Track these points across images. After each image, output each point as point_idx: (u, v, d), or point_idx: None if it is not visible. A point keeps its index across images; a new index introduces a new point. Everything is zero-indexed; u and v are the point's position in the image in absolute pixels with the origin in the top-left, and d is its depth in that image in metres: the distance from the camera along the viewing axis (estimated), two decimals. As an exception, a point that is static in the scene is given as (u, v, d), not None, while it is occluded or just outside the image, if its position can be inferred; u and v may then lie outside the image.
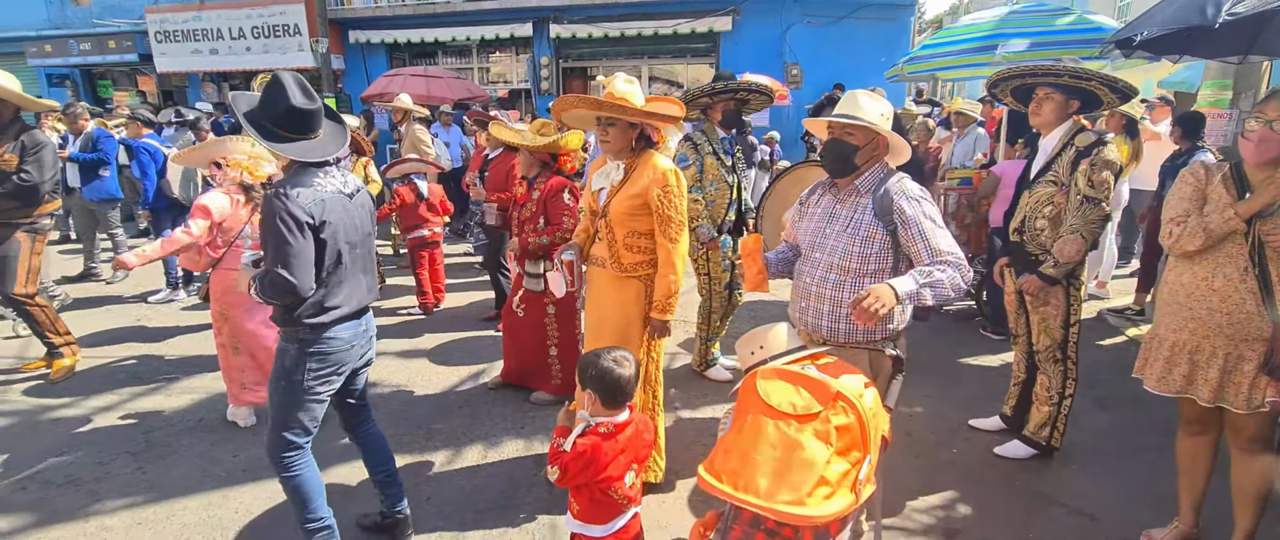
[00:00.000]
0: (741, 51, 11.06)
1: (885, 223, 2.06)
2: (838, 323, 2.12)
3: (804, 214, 2.31)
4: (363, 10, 12.68)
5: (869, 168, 2.13)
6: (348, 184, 2.17)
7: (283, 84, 1.99)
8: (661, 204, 2.44)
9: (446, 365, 4.21)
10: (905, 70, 7.08)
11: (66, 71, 15.39)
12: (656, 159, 2.49)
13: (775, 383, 1.76)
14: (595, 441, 1.83)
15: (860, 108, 2.09)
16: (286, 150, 2.03)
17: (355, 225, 2.16)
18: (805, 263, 2.22)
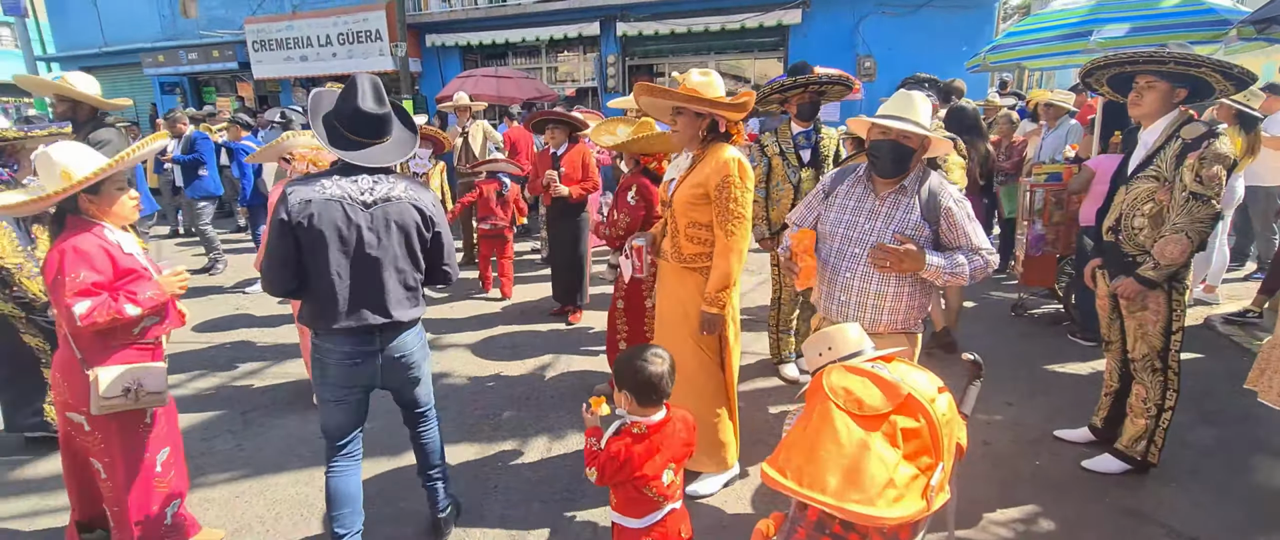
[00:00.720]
0: (811, 45, 10.80)
1: (932, 222, 2.16)
2: (880, 315, 2.21)
3: (830, 203, 2.32)
4: (439, 14, 13.16)
5: (914, 168, 2.19)
6: (373, 191, 2.01)
7: (355, 87, 1.99)
8: (720, 194, 2.42)
9: (516, 358, 4.33)
10: (988, 60, 6.71)
11: (176, 79, 16.78)
12: (724, 149, 2.46)
13: (844, 382, 1.72)
14: (628, 443, 1.85)
15: (917, 111, 2.13)
16: (343, 155, 2.00)
17: (356, 235, 1.98)
18: (841, 258, 2.25)
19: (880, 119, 2.16)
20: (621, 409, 1.90)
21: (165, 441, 2.27)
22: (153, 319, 2.18)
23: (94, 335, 2.04)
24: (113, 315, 1.98)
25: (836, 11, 10.72)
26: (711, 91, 2.42)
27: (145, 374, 2.10)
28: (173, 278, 2.18)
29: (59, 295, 1.95)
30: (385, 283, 2.05)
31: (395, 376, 2.20)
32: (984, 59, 6.73)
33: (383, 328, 2.08)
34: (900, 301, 2.22)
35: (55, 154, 2.01)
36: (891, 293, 2.21)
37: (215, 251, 6.75)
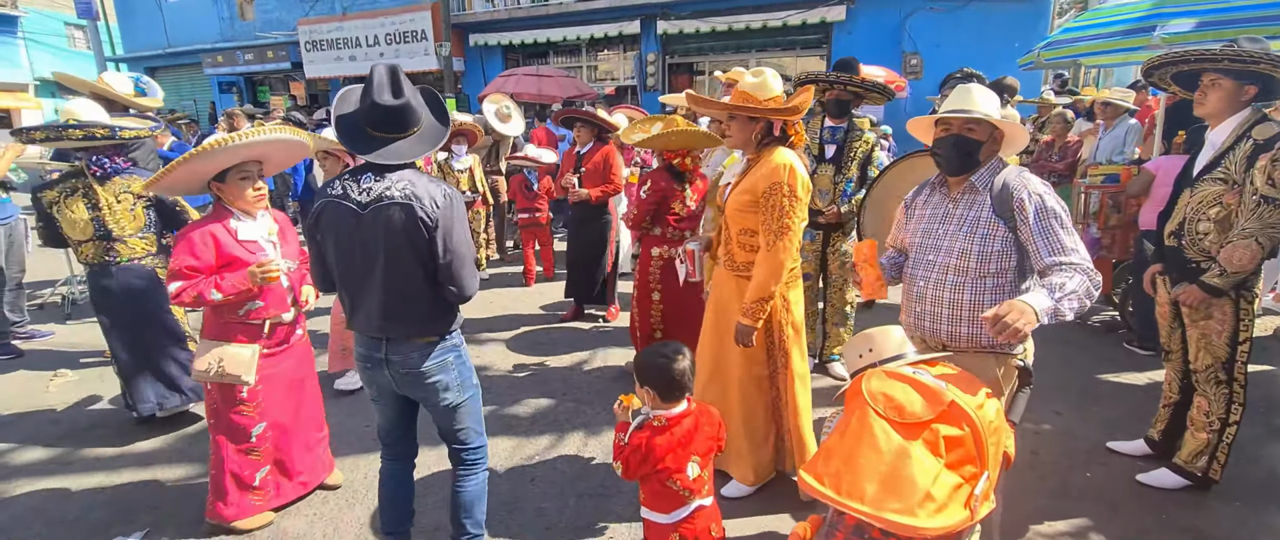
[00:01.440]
0: (855, 42, 10.61)
1: (1006, 219, 1.97)
2: (958, 327, 2.04)
3: (910, 216, 2.22)
4: (482, 14, 13.38)
5: (986, 163, 2.05)
6: (369, 192, 1.85)
7: (371, 80, 1.86)
8: (766, 201, 2.33)
9: (553, 353, 4.38)
10: (1042, 57, 6.46)
11: (233, 79, 17.49)
12: (778, 153, 2.37)
13: (884, 387, 1.68)
14: (648, 436, 1.88)
15: (977, 102, 2.01)
16: (364, 155, 1.87)
17: (352, 240, 1.86)
18: (917, 266, 2.14)
19: (941, 114, 2.06)
20: (644, 405, 1.92)
21: (265, 417, 2.52)
22: (255, 303, 2.42)
23: (211, 312, 2.40)
24: (196, 297, 2.26)
25: (882, 7, 10.51)
26: (764, 93, 2.35)
27: (228, 356, 2.36)
28: (256, 269, 2.31)
29: (169, 269, 2.31)
30: (378, 291, 1.88)
31: (414, 391, 2.04)
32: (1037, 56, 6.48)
33: (388, 337, 1.96)
34: (978, 312, 2.00)
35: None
36: (968, 301, 2.02)
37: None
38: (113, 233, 3.04)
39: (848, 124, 3.60)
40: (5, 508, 2.73)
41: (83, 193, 3.01)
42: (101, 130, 2.96)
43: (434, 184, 1.92)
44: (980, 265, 2.00)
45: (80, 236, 3.01)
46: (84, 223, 2.99)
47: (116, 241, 3.06)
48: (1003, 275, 1.99)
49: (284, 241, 2.54)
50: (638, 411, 1.93)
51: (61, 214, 3.00)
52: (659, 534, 1.98)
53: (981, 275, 2.00)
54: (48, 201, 3.01)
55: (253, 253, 2.38)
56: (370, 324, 1.94)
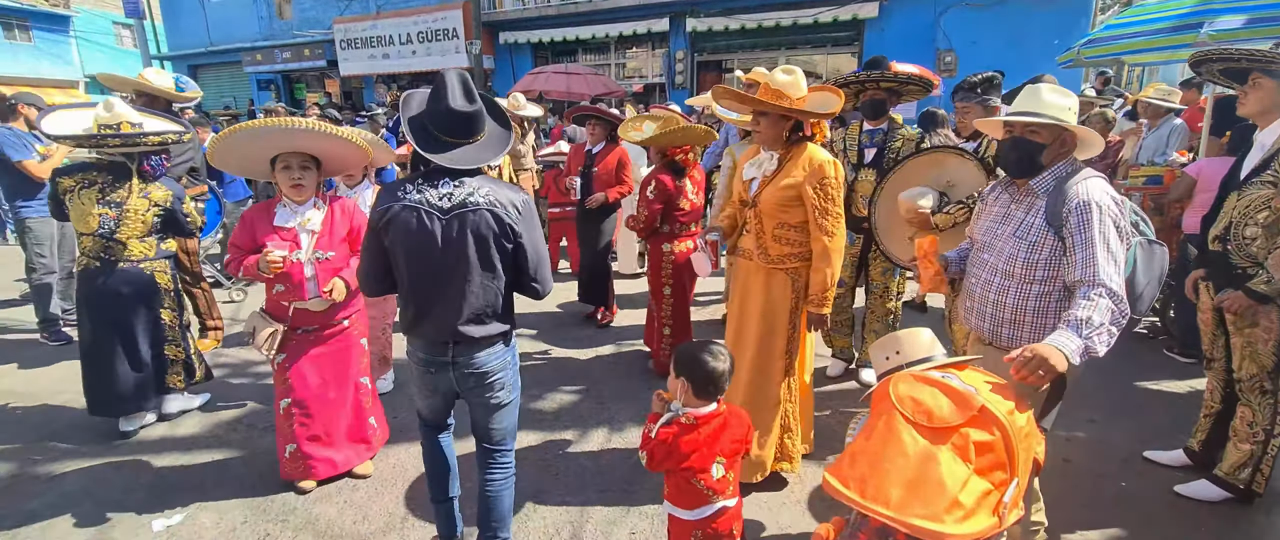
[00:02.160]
0: (888, 39, 10.45)
1: (1056, 226, 1.89)
2: (1000, 327, 2.02)
3: (981, 212, 2.19)
4: (512, 11, 13.50)
5: (1052, 166, 1.96)
6: (451, 198, 1.87)
7: (444, 85, 1.87)
8: (819, 197, 2.40)
9: (578, 347, 4.42)
10: (1083, 54, 6.29)
11: (271, 76, 17.94)
12: (813, 151, 2.44)
13: (912, 391, 1.66)
14: (675, 431, 1.89)
15: (1044, 103, 1.93)
16: (434, 158, 1.87)
17: (432, 242, 1.86)
18: (974, 262, 2.13)
19: (1005, 116, 1.99)
20: (676, 401, 1.92)
21: (288, 394, 2.71)
22: (278, 286, 2.61)
23: (266, 284, 2.63)
24: (233, 271, 2.59)
25: (916, 4, 10.33)
26: (797, 91, 2.37)
27: (258, 324, 2.62)
28: (261, 259, 2.50)
29: None
30: (458, 295, 1.90)
31: (475, 392, 2.06)
32: (1078, 53, 6.32)
33: (456, 341, 1.96)
34: (1024, 317, 1.96)
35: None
36: (1011, 305, 1.97)
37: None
38: (117, 234, 2.99)
39: (887, 125, 3.52)
40: (55, 487, 2.86)
41: (100, 188, 2.98)
42: (155, 138, 2.99)
43: (511, 190, 1.97)
44: (1026, 271, 1.94)
45: (84, 229, 2.98)
46: (92, 218, 2.94)
47: (117, 242, 3.00)
48: (1049, 284, 1.93)
49: (329, 234, 2.65)
50: (668, 405, 1.95)
51: (72, 203, 2.96)
52: (681, 530, 1.98)
53: (1027, 281, 1.95)
54: (62, 188, 2.97)
55: (284, 239, 2.56)
56: (443, 329, 1.93)
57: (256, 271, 2.52)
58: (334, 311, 2.71)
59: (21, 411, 3.60)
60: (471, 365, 1.99)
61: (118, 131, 2.93)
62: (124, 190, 3.01)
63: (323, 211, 2.67)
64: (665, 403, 1.95)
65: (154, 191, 3.09)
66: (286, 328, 2.63)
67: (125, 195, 3.01)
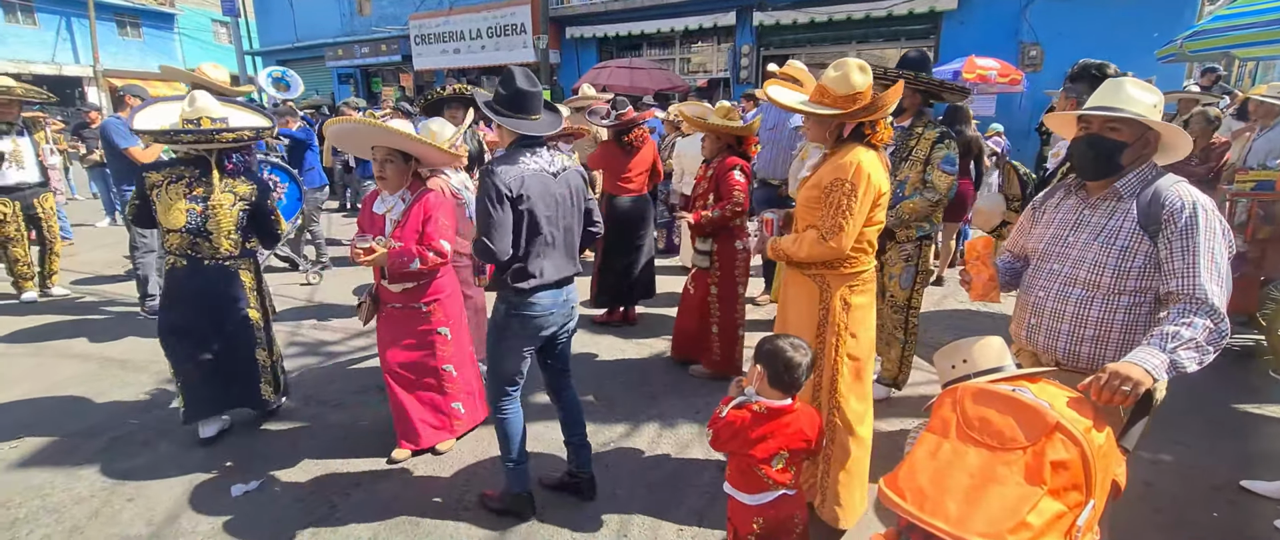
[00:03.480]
0: (967, 32, 9.96)
1: (1151, 231, 1.72)
2: (1078, 346, 1.83)
3: (1037, 219, 2.01)
4: (579, 6, 13.63)
5: (1135, 168, 1.79)
6: (553, 163, 2.33)
7: (512, 74, 2.33)
8: (827, 195, 2.20)
9: (630, 339, 4.43)
10: (1186, 48, 5.82)
11: (351, 71, 18.80)
12: (851, 152, 2.21)
13: (980, 410, 1.57)
14: (745, 417, 1.90)
15: (1128, 98, 1.76)
16: (512, 125, 2.30)
17: (555, 200, 2.30)
18: (1037, 274, 1.94)
19: (1084, 110, 1.81)
20: (751, 386, 1.95)
21: (385, 365, 2.97)
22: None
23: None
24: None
25: (999, -6, 9.78)
26: (844, 88, 2.16)
27: (362, 294, 2.96)
28: (355, 252, 2.68)
29: None
30: (573, 239, 2.43)
31: (568, 322, 2.52)
32: (1180, 47, 5.85)
33: (569, 279, 2.44)
34: (1110, 333, 1.78)
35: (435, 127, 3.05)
36: (1094, 318, 1.79)
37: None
38: (207, 229, 2.94)
39: (910, 123, 3.28)
40: (149, 451, 3.10)
41: (187, 183, 2.93)
42: (240, 133, 2.97)
43: (572, 155, 2.60)
44: (1115, 281, 1.76)
45: (172, 225, 2.91)
46: (179, 213, 2.90)
47: (204, 238, 2.95)
48: (1141, 296, 1.75)
49: (403, 223, 2.79)
50: (744, 391, 1.97)
51: (160, 199, 2.91)
52: (742, 515, 2.00)
53: (1115, 292, 1.77)
54: (150, 184, 2.92)
55: (376, 225, 2.84)
56: (560, 269, 2.37)
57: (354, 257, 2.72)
58: (414, 294, 2.88)
59: (125, 379, 3.91)
60: (571, 300, 2.48)
61: (198, 126, 2.90)
62: (208, 185, 2.96)
63: (407, 204, 2.83)
64: (741, 388, 1.98)
65: (238, 186, 3.03)
66: (374, 300, 2.96)
67: (209, 190, 2.96)
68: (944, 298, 5.39)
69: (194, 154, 3.01)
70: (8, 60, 21.11)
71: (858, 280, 2.34)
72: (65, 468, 2.95)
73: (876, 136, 2.26)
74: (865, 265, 2.34)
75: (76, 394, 3.70)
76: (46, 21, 23.00)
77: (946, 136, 3.19)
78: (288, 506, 2.66)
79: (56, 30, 23.20)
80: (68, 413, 3.48)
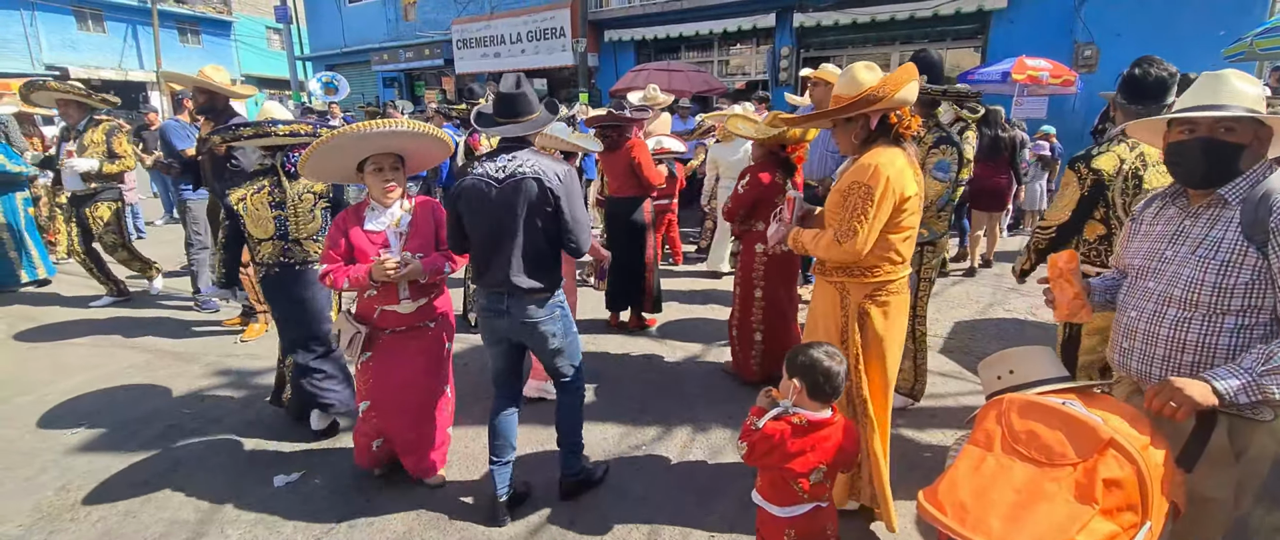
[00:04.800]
0: (1017, 31, 9.63)
1: (1258, 241, 1.51)
2: (1176, 372, 1.63)
3: (1135, 231, 1.82)
4: (618, 9, 13.70)
5: (1248, 171, 1.58)
6: (505, 169, 2.26)
7: (501, 79, 2.41)
8: (843, 198, 2.10)
9: (665, 341, 4.42)
10: (1255, 46, 5.51)
11: (395, 74, 19.28)
12: (875, 152, 2.10)
13: (1028, 423, 1.51)
14: (784, 430, 1.82)
15: (1235, 92, 1.53)
16: (485, 131, 2.41)
17: (488, 207, 2.27)
18: (1131, 293, 1.76)
19: (1183, 113, 1.58)
20: (786, 399, 1.87)
21: (366, 397, 2.69)
22: (369, 290, 2.55)
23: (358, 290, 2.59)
24: (332, 281, 2.52)
25: (1052, -8, 9.42)
26: (854, 88, 2.08)
27: (344, 327, 2.61)
28: (376, 268, 2.42)
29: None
30: (511, 250, 2.29)
31: (528, 338, 2.46)
32: (1250, 45, 5.54)
33: (510, 291, 2.34)
34: (1213, 358, 1.57)
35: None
36: (1192, 342, 1.59)
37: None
38: (291, 233, 2.98)
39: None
40: (198, 441, 3.23)
41: (269, 190, 2.98)
42: (293, 129, 2.98)
43: (555, 162, 2.33)
44: (1217, 299, 1.55)
45: (262, 234, 2.95)
46: (268, 221, 2.95)
47: (294, 243, 2.99)
48: (1251, 316, 1.54)
49: (414, 233, 2.58)
50: (777, 403, 1.92)
51: (248, 211, 2.94)
52: (773, 527, 1.95)
53: (1218, 312, 1.56)
54: (235, 199, 2.95)
55: (374, 243, 2.52)
56: (497, 280, 2.32)
57: (367, 282, 2.47)
58: (420, 314, 2.63)
59: (178, 370, 4.08)
60: (525, 314, 2.36)
61: (274, 124, 2.92)
62: (282, 189, 2.99)
63: (409, 211, 2.60)
64: (773, 399, 1.92)
65: (315, 185, 3.05)
66: (370, 330, 2.59)
67: (283, 193, 2.99)
68: (990, 306, 5.22)
69: (265, 165, 3.04)
70: (79, 65, 22.36)
71: (882, 291, 2.20)
72: (122, 453, 3.09)
73: (903, 126, 2.12)
74: (890, 275, 2.19)
75: (133, 383, 3.87)
76: (114, 29, 24.31)
77: (943, 142, 3.05)
78: (326, 498, 2.73)
79: (123, 37, 24.51)
80: (125, 402, 3.64)
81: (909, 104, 2.09)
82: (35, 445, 3.20)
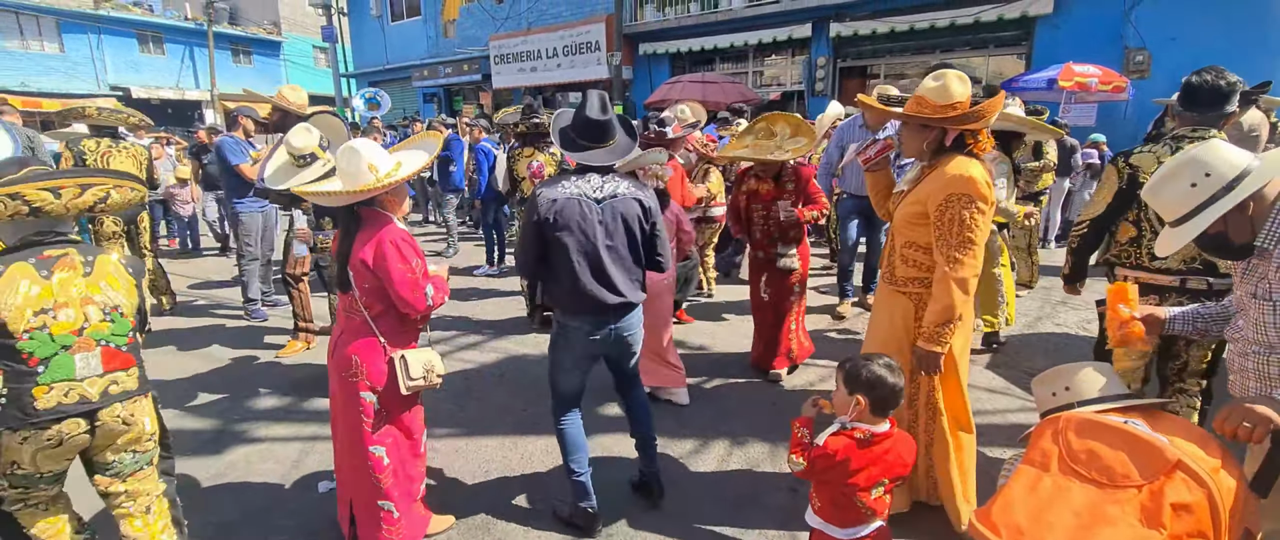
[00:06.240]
0: (1063, 38, 9.36)
1: None
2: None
3: (1235, 269, 1.74)
4: (653, 23, 13.79)
5: (1267, 216, 1.53)
6: (602, 188, 2.29)
7: (585, 101, 2.32)
8: (941, 214, 2.09)
9: (703, 352, 4.38)
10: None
11: (435, 90, 19.76)
12: (955, 162, 2.12)
13: (1087, 442, 1.44)
14: (848, 445, 1.77)
15: (1210, 182, 1.49)
16: (573, 156, 2.33)
17: (591, 226, 2.24)
18: (1232, 327, 1.72)
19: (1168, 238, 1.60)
20: (843, 414, 1.82)
21: (422, 424, 2.45)
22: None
23: (395, 320, 2.23)
24: (442, 300, 2.27)
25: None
26: (943, 98, 2.10)
27: (433, 358, 2.31)
28: (444, 275, 2.35)
29: (403, 277, 2.13)
30: (615, 266, 2.32)
31: (619, 348, 2.47)
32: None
33: (615, 307, 2.34)
34: None
35: (363, 151, 2.17)
36: (1276, 376, 1.56)
37: (453, 237, 7.89)
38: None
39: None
40: (248, 445, 3.32)
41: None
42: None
43: (642, 186, 2.43)
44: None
45: None
46: None
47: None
48: None
49: None
50: (823, 413, 1.88)
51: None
52: None
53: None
54: (321, 246, 3.07)
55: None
56: (598, 298, 2.30)
57: (444, 297, 2.34)
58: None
59: (229, 375, 4.22)
60: (625, 326, 2.41)
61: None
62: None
63: None
64: (819, 409, 1.88)
65: None
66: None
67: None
68: (1038, 320, 5.04)
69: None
70: (140, 86, 23.57)
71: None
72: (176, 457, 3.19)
73: (979, 146, 2.16)
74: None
75: (187, 389, 4.02)
76: (173, 51, 25.60)
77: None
78: (368, 505, 2.77)
79: (181, 59, 25.78)
80: (177, 407, 3.78)
81: (987, 126, 2.15)
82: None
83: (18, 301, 1.72)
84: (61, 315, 1.79)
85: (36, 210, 1.77)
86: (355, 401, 2.22)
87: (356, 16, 21.14)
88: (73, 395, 1.81)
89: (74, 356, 1.81)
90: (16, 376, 1.74)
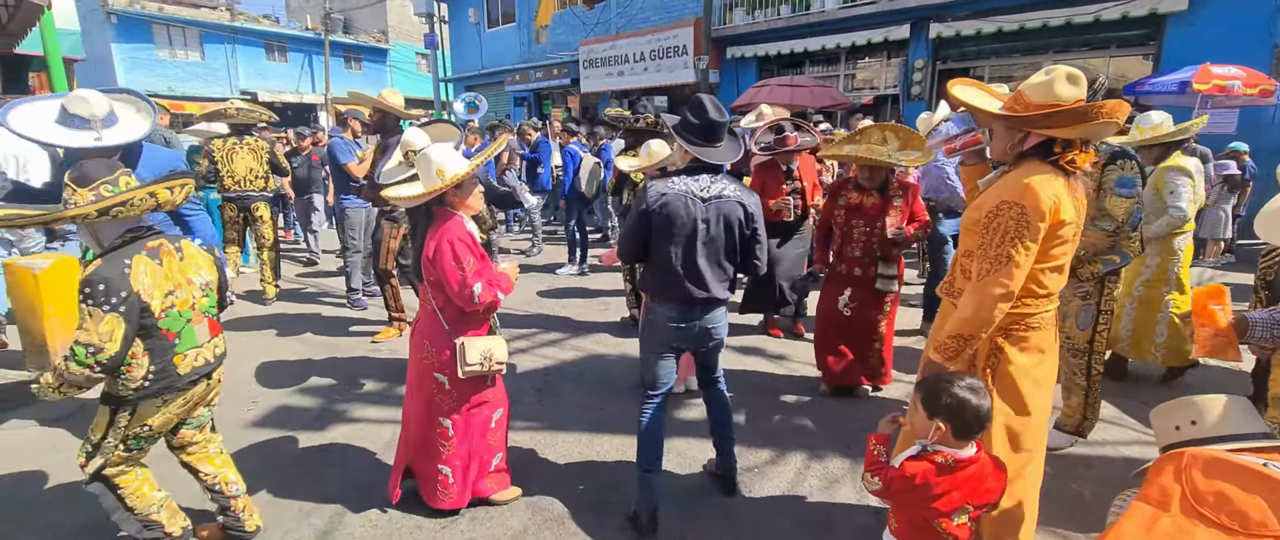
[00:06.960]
0: (1198, 35, 8.46)
1: None
2: None
3: None
4: (742, 26, 13.64)
5: None
6: (710, 188, 2.39)
7: (703, 103, 2.46)
8: (989, 221, 1.84)
9: (782, 362, 4.29)
10: None
11: (525, 94, 20.46)
12: (1027, 168, 1.86)
13: (1215, 484, 1.30)
14: (928, 469, 1.67)
15: None
16: (694, 151, 2.43)
17: (694, 223, 2.36)
18: None
19: None
20: (923, 437, 1.73)
21: (501, 403, 2.67)
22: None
23: (458, 310, 2.42)
24: (493, 298, 2.40)
25: (1244, -9, 8.20)
26: (1041, 96, 1.83)
27: (495, 346, 2.48)
28: (513, 272, 2.53)
29: (452, 275, 2.33)
30: (709, 263, 2.42)
31: (704, 342, 2.57)
32: None
33: (703, 301, 2.45)
34: None
35: (433, 155, 2.38)
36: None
37: (537, 237, 8.14)
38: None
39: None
40: (347, 425, 3.56)
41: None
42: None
43: (747, 190, 2.50)
44: None
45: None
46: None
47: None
48: None
49: None
50: (901, 429, 1.81)
51: None
52: None
53: None
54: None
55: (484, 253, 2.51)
56: (692, 292, 2.43)
57: (509, 291, 2.51)
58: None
59: (335, 358, 4.55)
60: (711, 320, 2.51)
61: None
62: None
63: None
64: (898, 426, 1.81)
65: None
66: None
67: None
68: (1158, 345, 4.58)
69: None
70: (265, 90, 25.90)
71: (1020, 326, 1.93)
72: (284, 430, 3.48)
73: (1066, 159, 1.84)
74: (1030, 309, 1.92)
75: (293, 373, 4.35)
76: (294, 59, 28.00)
77: (1120, 156, 2.77)
78: (451, 490, 2.90)
79: (300, 66, 28.13)
80: (285, 389, 4.10)
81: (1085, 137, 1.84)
82: (218, 416, 3.67)
83: (149, 286, 2.01)
84: (179, 294, 2.12)
85: (159, 206, 2.07)
86: (428, 380, 2.53)
87: (457, 24, 22.23)
88: (201, 359, 2.20)
89: (194, 327, 2.16)
90: (161, 351, 2.07)
